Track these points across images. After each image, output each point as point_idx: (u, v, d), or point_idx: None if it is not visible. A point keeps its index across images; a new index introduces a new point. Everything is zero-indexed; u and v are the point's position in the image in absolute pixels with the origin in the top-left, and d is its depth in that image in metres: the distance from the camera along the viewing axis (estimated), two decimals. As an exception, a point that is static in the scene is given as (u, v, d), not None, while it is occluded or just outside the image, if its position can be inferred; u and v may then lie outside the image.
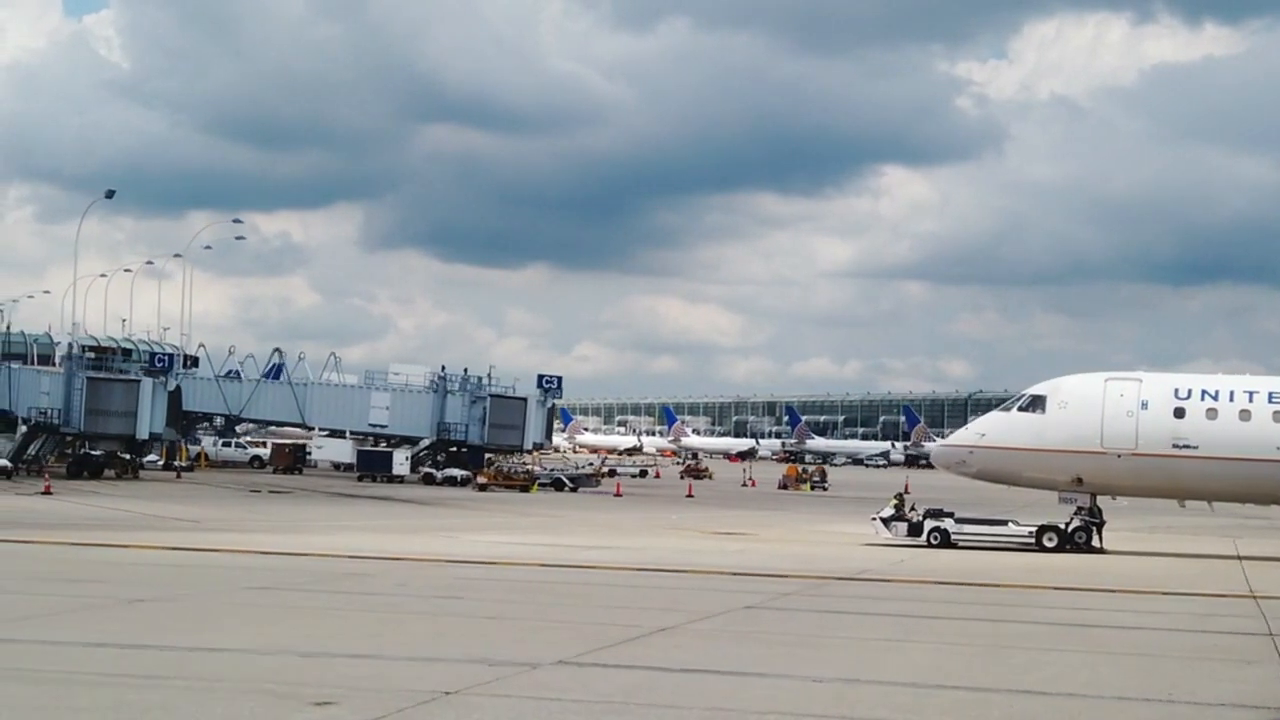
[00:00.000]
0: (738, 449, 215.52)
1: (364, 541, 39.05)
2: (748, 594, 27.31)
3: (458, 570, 31.18)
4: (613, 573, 31.42)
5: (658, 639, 20.57)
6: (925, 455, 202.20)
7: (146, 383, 79.30)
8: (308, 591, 26.29)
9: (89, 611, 22.19)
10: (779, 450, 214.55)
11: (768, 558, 37.29)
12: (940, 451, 46.22)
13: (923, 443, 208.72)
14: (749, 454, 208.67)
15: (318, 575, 28.95)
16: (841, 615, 24.60)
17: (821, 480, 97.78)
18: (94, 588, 25.60)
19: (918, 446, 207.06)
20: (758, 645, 20.24)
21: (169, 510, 54.30)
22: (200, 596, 24.90)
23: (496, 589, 27.14)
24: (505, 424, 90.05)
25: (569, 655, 18.52)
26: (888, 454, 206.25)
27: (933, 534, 42.18)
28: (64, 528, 42.37)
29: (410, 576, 29.23)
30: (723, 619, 23.35)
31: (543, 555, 35.65)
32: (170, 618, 21.84)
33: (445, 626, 21.51)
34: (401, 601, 24.87)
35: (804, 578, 31.33)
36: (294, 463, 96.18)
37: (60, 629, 20.14)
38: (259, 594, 25.58)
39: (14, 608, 22.34)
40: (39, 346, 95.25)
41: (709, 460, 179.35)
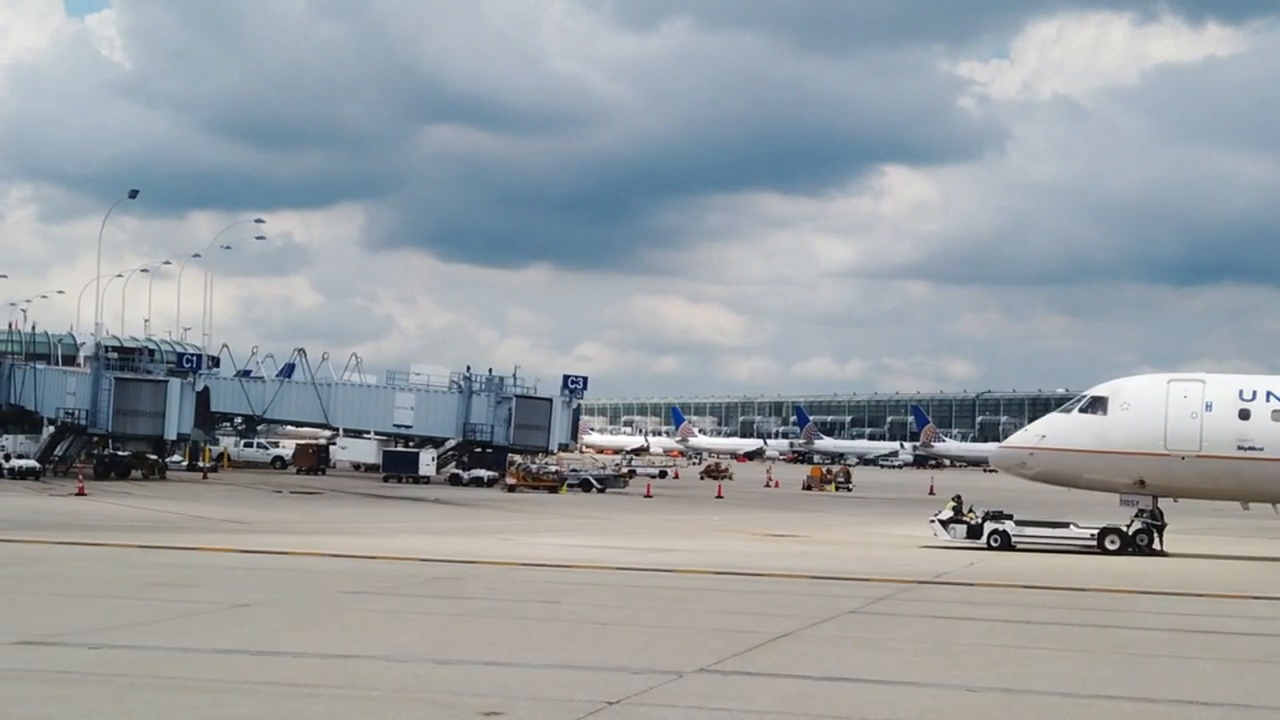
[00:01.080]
0: (745, 449, 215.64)
1: (425, 544, 38.78)
2: (843, 598, 27.02)
3: (540, 574, 30.88)
4: (695, 576, 31.11)
5: (785, 645, 20.27)
6: (935, 455, 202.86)
7: (174, 383, 78.99)
8: (405, 596, 25.99)
9: (201, 617, 21.86)
10: (787, 450, 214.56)
11: (835, 560, 37.03)
12: (1000, 453, 45.89)
13: (932, 443, 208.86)
14: (756, 454, 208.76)
15: (404, 579, 28.62)
16: (951, 620, 24.30)
17: (846, 481, 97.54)
18: (191, 592, 25.30)
19: (927, 447, 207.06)
20: (888, 652, 19.94)
21: (212, 512, 54.02)
22: (302, 601, 24.58)
23: (593, 594, 26.81)
24: (531, 425, 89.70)
25: (707, 663, 18.23)
26: (896, 454, 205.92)
27: (993, 536, 41.91)
28: (118, 529, 42.12)
29: (496, 581, 28.94)
30: (834, 624, 23.05)
31: (612, 558, 35.33)
32: (285, 623, 21.53)
33: (563, 632, 21.18)
34: (504, 606, 24.54)
35: (887, 581, 31.03)
36: (317, 463, 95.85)
37: (184, 635, 19.84)
38: (357, 598, 25.27)
39: (128, 613, 21.98)
40: (63, 347, 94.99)
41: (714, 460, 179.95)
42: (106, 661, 17.57)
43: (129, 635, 19.71)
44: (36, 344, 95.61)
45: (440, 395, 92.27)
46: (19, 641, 18.77)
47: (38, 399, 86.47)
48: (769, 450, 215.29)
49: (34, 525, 42.62)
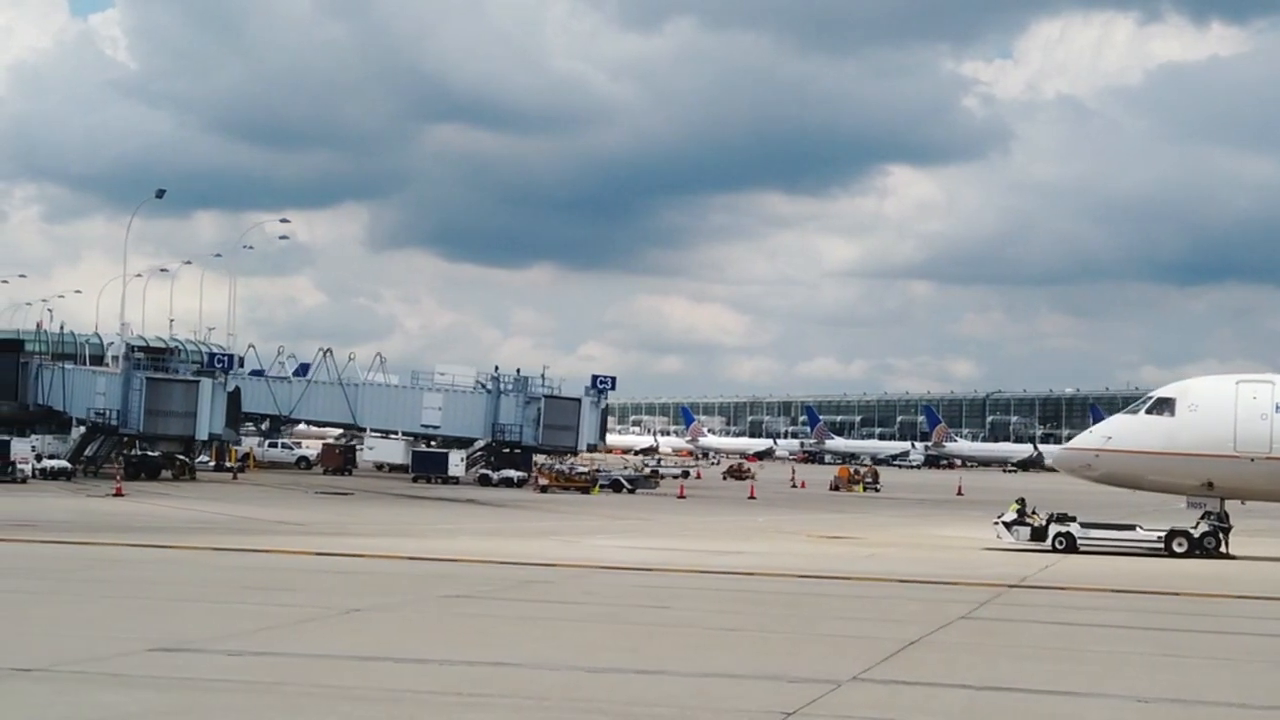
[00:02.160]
0: (755, 449, 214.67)
1: (492, 546, 38.53)
2: (946, 603, 26.76)
3: (626, 578, 30.56)
4: (783, 580, 30.81)
5: (921, 653, 19.99)
6: (947, 455, 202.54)
7: (206, 383, 78.58)
8: (508, 600, 25.70)
9: (319, 623, 21.56)
10: (797, 450, 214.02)
11: (908, 563, 36.73)
12: (1064, 455, 45.58)
13: (944, 443, 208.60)
14: (766, 454, 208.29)
15: (496, 582, 28.31)
16: (1070, 626, 23.99)
17: (874, 482, 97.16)
18: (291, 596, 24.99)
19: (939, 447, 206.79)
20: (1030, 660, 19.68)
21: (259, 513, 53.71)
22: (411, 606, 24.27)
23: (697, 599, 26.50)
24: (559, 425, 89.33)
25: (857, 671, 17.96)
26: (907, 454, 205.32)
27: (1058, 539, 41.67)
28: (177, 531, 41.84)
29: (588, 585, 28.66)
30: (956, 630, 22.75)
31: (687, 561, 34.99)
32: (408, 629, 21.22)
33: (695, 639, 20.89)
34: (616, 611, 24.22)
35: (976, 585, 30.77)
36: (344, 464, 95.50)
37: (313, 641, 19.57)
38: (462, 602, 25.01)
39: (243, 618, 21.71)
40: (89, 348, 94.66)
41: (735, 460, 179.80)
42: (253, 669, 17.29)
43: (257, 642, 19.41)
44: (64, 344, 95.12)
45: (468, 395, 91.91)
46: (154, 649, 18.47)
47: (66, 399, 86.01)
48: (779, 450, 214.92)
49: (88, 527, 42.33)
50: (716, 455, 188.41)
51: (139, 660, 17.69)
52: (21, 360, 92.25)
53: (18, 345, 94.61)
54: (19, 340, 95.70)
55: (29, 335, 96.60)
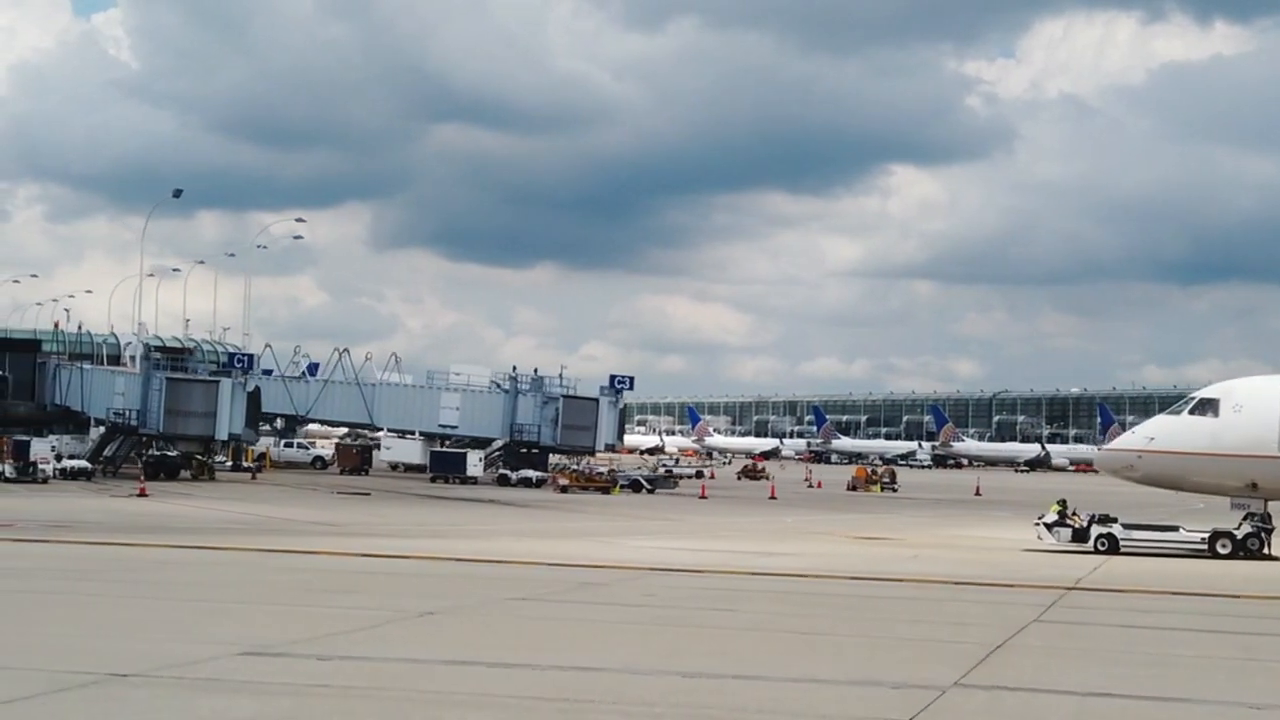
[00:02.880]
0: (761, 448, 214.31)
1: (534, 548, 38.38)
2: (1011, 605, 26.66)
3: (681, 580, 30.34)
4: (839, 582, 30.65)
5: (1012, 658, 19.83)
6: (954, 455, 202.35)
7: (226, 383, 78.41)
8: (571, 603, 25.54)
9: (396, 625, 21.38)
10: (804, 450, 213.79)
11: (956, 565, 36.54)
12: (1106, 456, 45.37)
13: (951, 443, 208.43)
14: (772, 453, 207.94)
15: (555, 584, 28.13)
16: (1147, 630, 23.84)
17: (891, 482, 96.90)
18: (359, 599, 24.80)
19: (946, 446, 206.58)
20: (1121, 665, 19.51)
21: (289, 513, 53.57)
22: (481, 609, 24.07)
23: (762, 601, 26.31)
24: (577, 425, 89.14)
25: (956, 677, 17.78)
26: (914, 454, 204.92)
27: (1100, 540, 41.46)
28: (213, 532, 41.69)
29: (648, 588, 28.45)
30: (1033, 634, 22.56)
31: (735, 562, 34.77)
32: (486, 632, 21.02)
33: (777, 643, 20.69)
34: (684, 614, 24.04)
35: (1033, 587, 30.63)
36: (360, 463, 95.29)
37: (398, 644, 19.35)
38: (529, 605, 24.82)
39: (319, 621, 21.50)
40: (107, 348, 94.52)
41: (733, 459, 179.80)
42: (348, 674, 17.09)
43: (342, 645, 19.21)
44: (81, 344, 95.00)
45: (486, 396, 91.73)
46: (244, 652, 18.27)
47: (85, 399, 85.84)
48: (785, 450, 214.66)
49: (125, 528, 42.17)
50: (728, 455, 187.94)
51: (232, 664, 17.50)
52: (39, 360, 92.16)
53: (35, 345, 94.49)
54: (36, 340, 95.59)
55: (46, 335, 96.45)
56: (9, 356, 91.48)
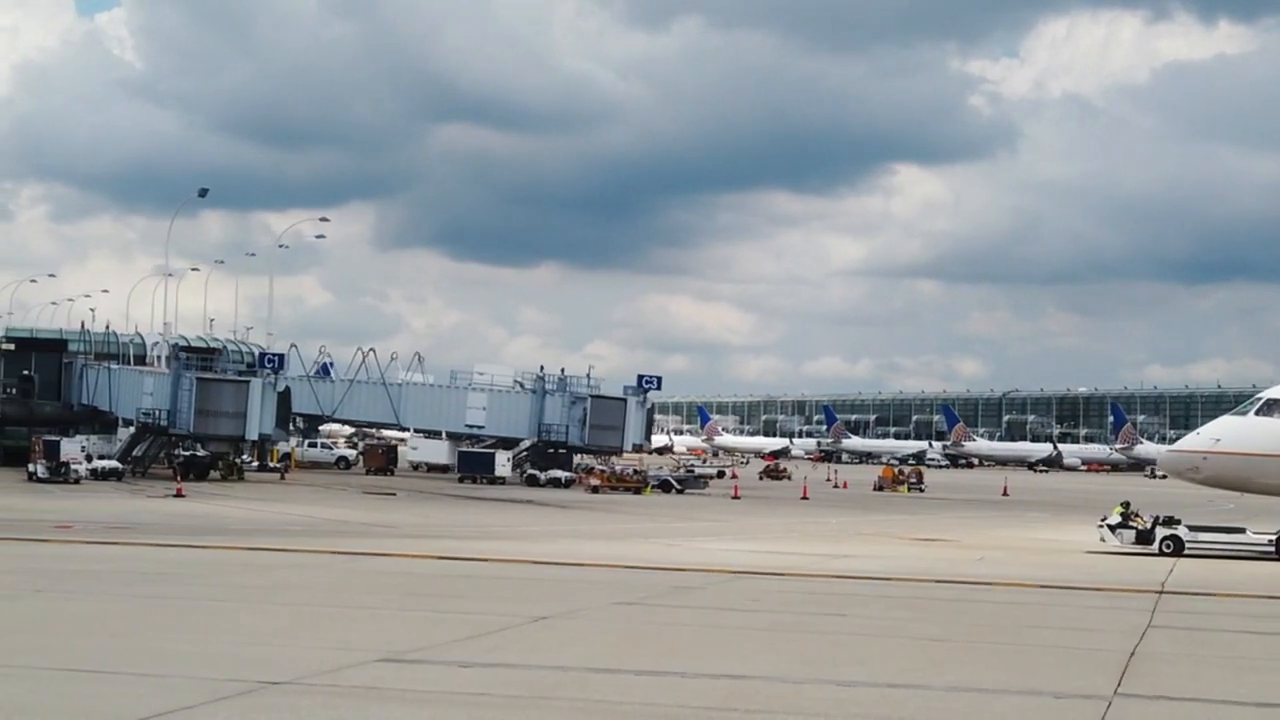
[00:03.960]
0: (770, 448, 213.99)
1: (601, 550, 38.05)
2: (1114, 609, 26.50)
3: (771, 583, 29.94)
4: (927, 585, 30.33)
5: (1154, 665, 19.57)
6: (966, 455, 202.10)
7: (256, 383, 77.99)
8: (680, 608, 25.24)
9: (515, 631, 21.05)
10: (813, 450, 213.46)
11: (1028, 567, 36.31)
12: (1170, 458, 45.10)
13: (963, 442, 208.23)
14: (782, 453, 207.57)
15: (651, 588, 27.84)
16: (1270, 636, 23.54)
17: (918, 482, 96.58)
18: (465, 603, 24.55)
19: (958, 446, 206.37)
20: (1272, 671, 19.20)
21: (335, 513, 53.32)
22: (591, 613, 23.73)
23: (865, 605, 26.04)
24: (605, 425, 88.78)
25: (1113, 686, 17.52)
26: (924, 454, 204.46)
27: (1165, 542, 41.16)
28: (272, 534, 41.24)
29: (745, 592, 28.14)
30: (1161, 640, 22.24)
31: (812, 565, 34.55)
32: (612, 638, 20.72)
33: (909, 650, 20.37)
34: (797, 620, 23.73)
35: (1119, 591, 30.41)
36: (386, 463, 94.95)
37: (531, 650, 19.05)
38: (639, 610, 24.53)
39: (442, 626, 21.14)
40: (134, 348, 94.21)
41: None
42: (500, 682, 16.83)
43: (473, 651, 18.93)
44: (108, 344, 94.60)
45: (514, 395, 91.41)
46: (382, 659, 17.98)
47: (112, 399, 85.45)
48: (794, 449, 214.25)
49: (182, 529, 41.92)
50: (745, 456, 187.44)
51: (376, 671, 17.21)
52: (65, 360, 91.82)
53: (61, 345, 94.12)
54: (62, 340, 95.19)
55: (72, 335, 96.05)
56: (35, 356, 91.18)
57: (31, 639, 19.29)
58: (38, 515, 47.11)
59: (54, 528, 40.47)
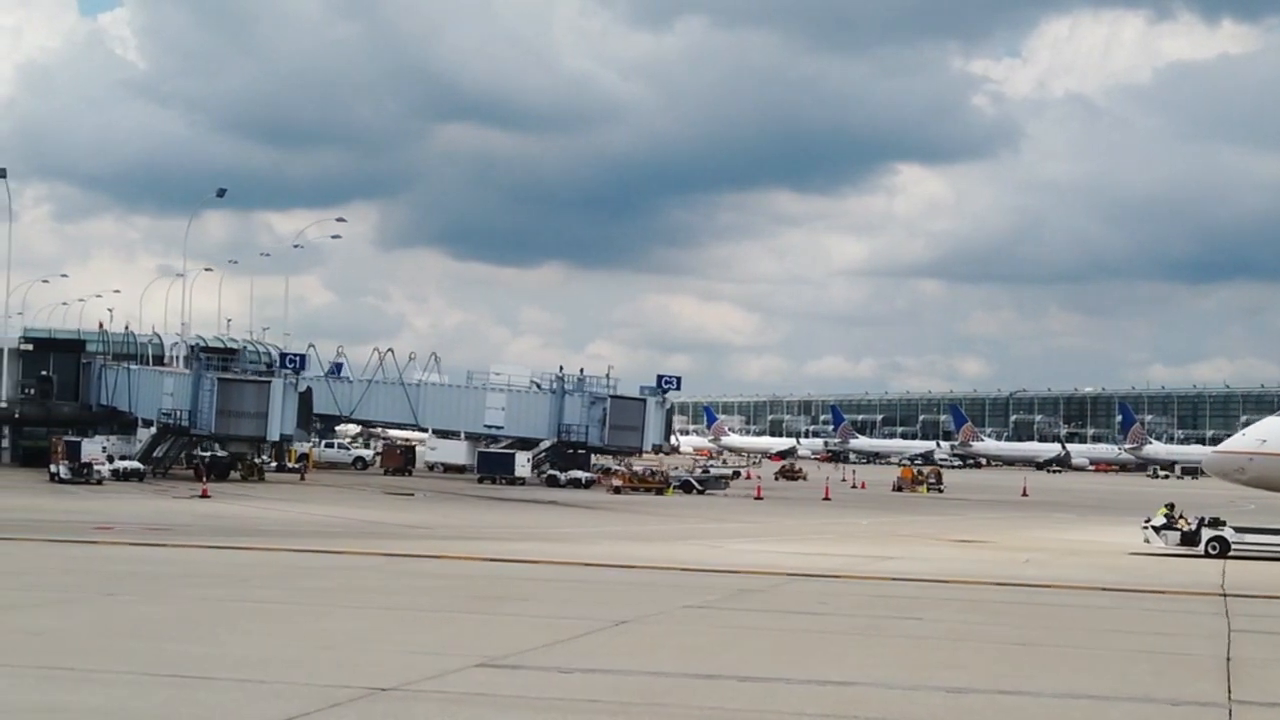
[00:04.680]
0: (777, 448, 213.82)
1: (648, 552, 37.99)
2: (1185, 614, 26.38)
3: (831, 586, 29.76)
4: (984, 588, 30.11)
5: (1253, 671, 19.49)
6: (974, 455, 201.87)
7: (277, 384, 77.71)
8: (752, 610, 25.06)
9: (603, 635, 20.88)
10: (821, 450, 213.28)
11: (1078, 569, 36.29)
12: (1216, 459, 44.96)
13: (971, 442, 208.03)
14: (789, 453, 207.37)
15: (715, 590, 27.64)
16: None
17: (937, 483, 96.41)
18: (538, 606, 24.35)
19: (966, 446, 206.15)
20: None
21: (364, 514, 53.18)
22: (667, 617, 23.51)
23: (936, 609, 25.79)
24: (625, 425, 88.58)
25: (1222, 693, 17.33)
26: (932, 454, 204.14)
27: (1211, 543, 41.01)
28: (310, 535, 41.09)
29: (812, 594, 27.96)
30: (1251, 644, 22.08)
31: (863, 567, 34.39)
32: (702, 642, 20.50)
33: (1000, 654, 20.22)
34: (874, 623, 23.51)
35: (1182, 594, 30.26)
36: (404, 464, 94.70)
37: (624, 656, 18.85)
38: (712, 613, 24.35)
39: (523, 630, 20.86)
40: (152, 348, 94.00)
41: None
42: (611, 688, 16.66)
43: (565, 657, 18.74)
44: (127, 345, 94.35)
45: (533, 396, 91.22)
46: (480, 664, 17.80)
47: (132, 400, 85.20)
48: (801, 449, 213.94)
49: (220, 531, 41.78)
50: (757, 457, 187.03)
51: (479, 677, 17.03)
52: (83, 360, 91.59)
53: (79, 346, 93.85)
54: (80, 341, 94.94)
55: (90, 335, 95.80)
56: (53, 357, 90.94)
57: (119, 643, 19.09)
58: (71, 516, 46.95)
59: (94, 529, 40.29)
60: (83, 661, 17.43)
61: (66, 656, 17.76)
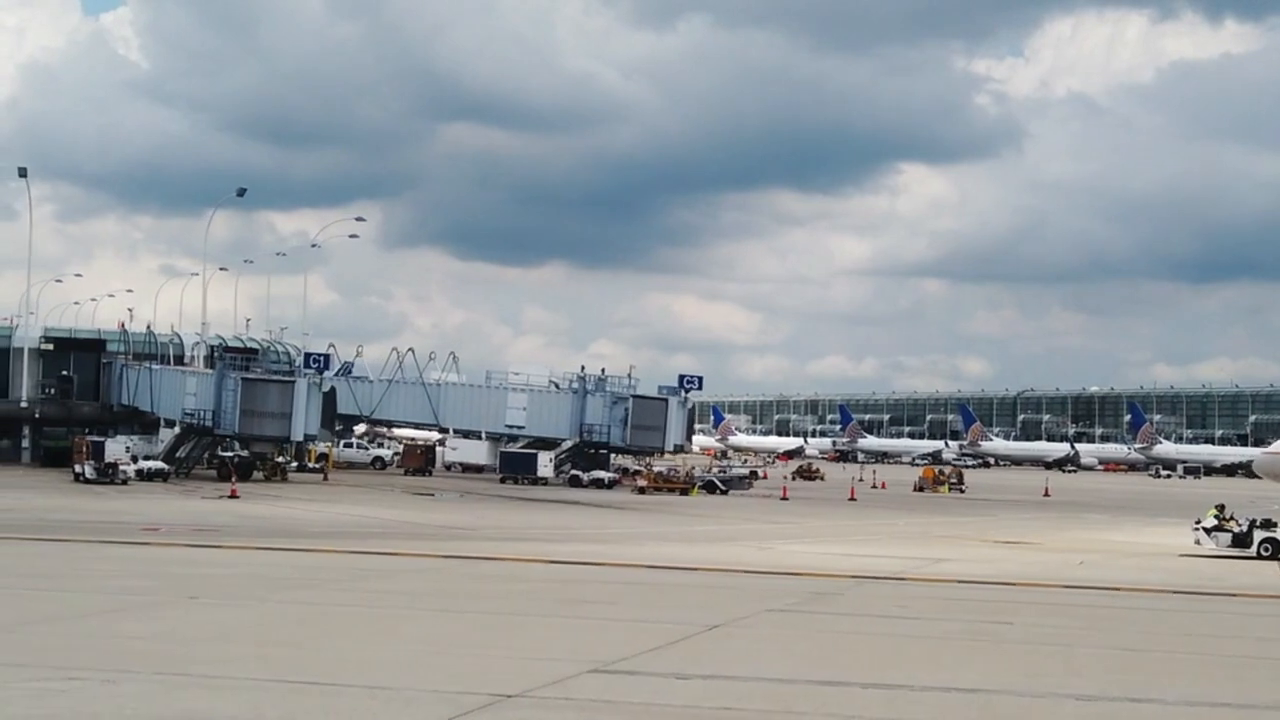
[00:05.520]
0: (785, 447, 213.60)
1: (703, 553, 37.71)
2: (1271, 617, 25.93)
3: (908, 589, 29.59)
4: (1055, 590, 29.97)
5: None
6: (982, 454, 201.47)
7: (301, 384, 77.35)
8: (837, 615, 24.85)
9: (701, 640, 20.63)
10: (829, 449, 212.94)
11: (1135, 571, 36.11)
12: (1267, 460, 44.76)
13: (979, 442, 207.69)
14: (796, 452, 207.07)
15: (791, 594, 27.37)
16: None
17: (959, 483, 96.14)
18: (621, 610, 24.09)
19: (974, 445, 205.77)
20: None
21: (399, 515, 52.95)
22: (758, 620, 23.30)
23: (1024, 612, 25.55)
24: (647, 425, 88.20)
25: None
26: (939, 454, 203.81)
27: (1264, 545, 40.79)
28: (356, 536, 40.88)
29: (889, 597, 27.75)
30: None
31: (922, 569, 34.17)
32: (802, 647, 20.24)
33: (1110, 661, 19.99)
34: (967, 627, 23.28)
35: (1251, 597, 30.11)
36: (424, 464, 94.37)
37: (734, 663, 18.58)
38: (798, 617, 24.12)
39: (629, 637, 20.60)
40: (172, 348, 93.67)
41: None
42: (731, 695, 16.41)
43: (672, 662, 18.52)
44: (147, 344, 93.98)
45: (555, 396, 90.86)
46: (593, 670, 17.54)
47: (154, 400, 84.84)
48: (808, 449, 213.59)
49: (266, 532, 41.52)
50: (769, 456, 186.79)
51: (598, 683, 16.80)
52: (103, 360, 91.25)
53: (99, 345, 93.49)
54: (101, 340, 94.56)
55: (110, 335, 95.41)
56: (74, 356, 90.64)
57: (226, 648, 18.80)
58: (110, 517, 46.72)
59: (142, 530, 40.03)
60: (198, 667, 17.17)
61: (178, 663, 17.46)
